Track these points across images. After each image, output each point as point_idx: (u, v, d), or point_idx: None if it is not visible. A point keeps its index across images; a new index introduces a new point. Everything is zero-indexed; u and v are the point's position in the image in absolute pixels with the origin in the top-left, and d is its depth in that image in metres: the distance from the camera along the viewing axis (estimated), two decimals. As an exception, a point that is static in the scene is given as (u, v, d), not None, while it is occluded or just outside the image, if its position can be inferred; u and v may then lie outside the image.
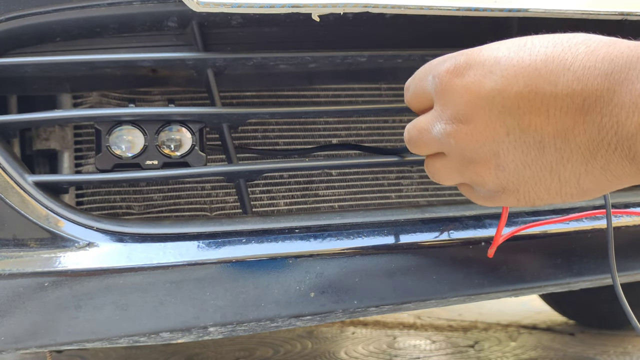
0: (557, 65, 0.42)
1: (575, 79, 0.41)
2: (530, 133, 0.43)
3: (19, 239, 0.59)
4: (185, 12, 0.61)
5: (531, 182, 0.45)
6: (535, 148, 0.43)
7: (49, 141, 0.70)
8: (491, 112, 0.44)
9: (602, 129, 0.40)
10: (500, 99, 0.43)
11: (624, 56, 0.40)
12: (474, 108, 0.44)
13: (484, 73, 0.44)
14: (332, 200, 0.83)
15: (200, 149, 0.64)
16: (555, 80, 0.41)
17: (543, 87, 0.42)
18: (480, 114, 0.44)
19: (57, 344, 0.57)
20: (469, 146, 0.46)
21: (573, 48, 0.42)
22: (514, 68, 0.43)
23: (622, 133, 0.39)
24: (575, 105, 0.41)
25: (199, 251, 0.59)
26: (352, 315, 0.64)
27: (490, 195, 0.49)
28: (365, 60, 0.69)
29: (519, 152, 0.44)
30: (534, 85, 0.42)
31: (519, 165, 0.45)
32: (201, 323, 0.58)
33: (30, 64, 0.62)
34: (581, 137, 0.41)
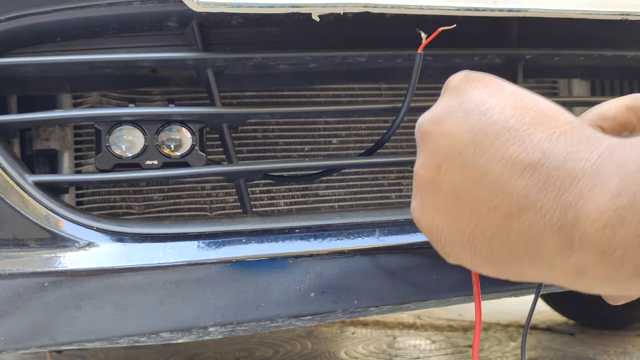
0: (543, 122, 0.42)
1: (548, 139, 0.41)
2: (480, 161, 0.42)
3: (19, 239, 0.59)
4: (185, 12, 0.61)
5: (450, 216, 0.44)
6: (473, 179, 0.43)
7: (49, 141, 0.70)
8: (460, 126, 0.45)
9: (542, 189, 0.39)
10: (477, 118, 0.44)
11: (595, 135, 0.40)
12: (451, 114, 0.46)
13: (483, 92, 0.46)
14: (332, 200, 0.83)
15: (200, 149, 0.64)
16: (533, 131, 0.42)
17: (518, 129, 0.42)
18: (450, 122, 0.46)
19: (57, 344, 0.57)
20: (425, 145, 0.48)
21: (564, 118, 0.43)
22: (506, 102, 0.44)
23: (560, 200, 0.38)
24: (532, 159, 0.41)
25: (199, 251, 0.59)
26: (352, 315, 0.64)
27: (413, 206, 0.50)
28: (365, 60, 0.69)
29: (458, 175, 0.44)
30: (513, 123, 0.42)
31: (450, 191, 0.44)
32: (201, 323, 0.58)
33: (31, 64, 0.62)
34: (519, 188, 0.40)
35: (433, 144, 0.46)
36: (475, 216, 0.42)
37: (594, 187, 0.37)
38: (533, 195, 0.40)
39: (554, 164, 0.39)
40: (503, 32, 0.74)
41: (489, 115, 0.43)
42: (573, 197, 0.38)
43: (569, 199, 0.38)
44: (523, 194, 0.40)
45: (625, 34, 0.79)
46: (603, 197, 0.36)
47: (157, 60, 0.64)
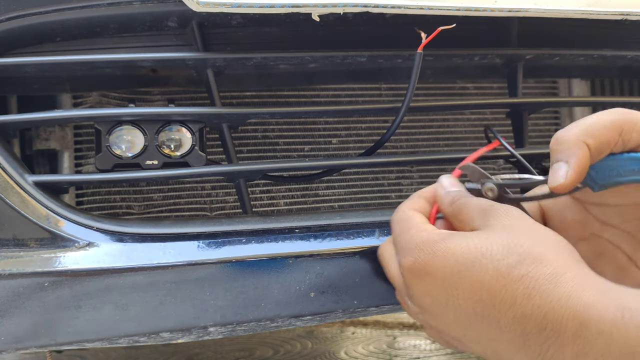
0: (494, 307, 0.46)
1: (515, 320, 0.45)
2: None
3: (19, 239, 0.59)
4: (185, 12, 0.61)
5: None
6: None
7: (49, 141, 0.70)
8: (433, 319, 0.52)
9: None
10: (445, 304, 0.50)
11: (557, 315, 0.43)
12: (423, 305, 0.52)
13: (433, 289, 0.50)
14: (332, 200, 0.83)
15: (200, 149, 0.64)
16: (499, 317, 0.46)
17: (490, 314, 0.46)
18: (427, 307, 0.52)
19: (57, 344, 0.57)
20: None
21: (522, 284, 0.45)
22: (463, 288, 0.48)
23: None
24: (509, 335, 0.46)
25: (199, 251, 0.59)
26: (352, 315, 0.64)
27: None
28: (365, 60, 0.69)
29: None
30: (480, 310, 0.47)
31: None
32: (201, 323, 0.58)
33: (31, 64, 0.62)
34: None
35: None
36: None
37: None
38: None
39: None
40: (503, 32, 0.74)
41: (454, 299, 0.48)
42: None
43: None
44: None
45: (625, 34, 0.79)
46: None
47: (157, 60, 0.64)
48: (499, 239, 0.47)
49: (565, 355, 0.42)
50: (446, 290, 0.48)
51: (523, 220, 0.49)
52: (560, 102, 0.92)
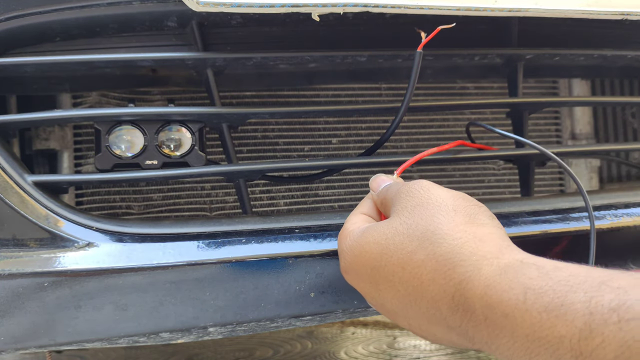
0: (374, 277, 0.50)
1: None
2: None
3: (18, 239, 0.59)
4: (185, 12, 0.61)
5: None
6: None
7: (48, 141, 0.70)
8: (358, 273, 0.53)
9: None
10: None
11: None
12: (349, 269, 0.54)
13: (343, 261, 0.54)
14: (332, 200, 0.83)
15: (200, 149, 0.64)
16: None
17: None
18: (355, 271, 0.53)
19: (56, 344, 0.57)
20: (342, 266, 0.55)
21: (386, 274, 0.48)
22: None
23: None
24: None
25: (199, 251, 0.59)
26: (352, 315, 0.64)
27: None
28: (365, 60, 0.69)
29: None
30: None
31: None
32: (201, 323, 0.58)
33: (30, 64, 0.62)
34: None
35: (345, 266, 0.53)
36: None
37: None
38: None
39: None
40: (503, 32, 0.74)
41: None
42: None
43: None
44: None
45: (625, 34, 0.79)
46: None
47: (157, 60, 0.64)
48: (400, 225, 0.47)
49: (483, 335, 0.41)
50: (374, 287, 0.49)
51: (425, 192, 0.49)
52: (560, 102, 0.92)
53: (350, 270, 0.52)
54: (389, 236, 0.47)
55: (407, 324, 0.49)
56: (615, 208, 0.72)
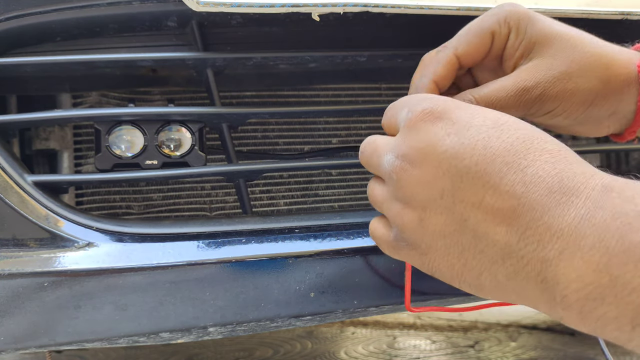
0: (514, 160, 0.41)
1: (522, 182, 0.41)
2: (460, 207, 0.43)
3: (18, 239, 0.59)
4: (185, 12, 0.61)
5: (440, 253, 0.45)
6: (457, 223, 0.43)
7: (48, 141, 0.70)
8: (437, 170, 0.44)
9: (521, 240, 0.40)
10: (449, 162, 0.43)
11: (574, 180, 0.40)
12: (425, 157, 0.44)
13: (450, 132, 0.44)
14: (332, 200, 0.83)
15: (200, 149, 0.64)
16: (505, 174, 0.41)
17: (490, 173, 0.42)
18: (427, 166, 0.44)
19: (56, 344, 0.57)
20: (405, 188, 0.46)
21: (539, 152, 0.42)
22: (476, 142, 0.43)
23: (539, 254, 0.39)
24: (508, 206, 0.41)
25: (199, 251, 0.59)
26: (352, 315, 0.64)
27: (400, 246, 0.48)
28: (365, 60, 0.69)
29: (443, 218, 0.44)
30: (483, 167, 0.42)
31: (437, 231, 0.44)
32: (201, 323, 0.58)
33: (30, 64, 0.62)
34: (500, 236, 0.41)
35: (413, 186, 0.45)
36: (463, 256, 0.44)
37: (574, 254, 0.38)
38: (514, 244, 0.41)
39: (530, 215, 0.40)
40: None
41: (460, 159, 0.43)
42: (552, 254, 0.39)
43: (549, 255, 0.39)
44: (504, 242, 0.41)
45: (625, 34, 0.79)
46: (585, 269, 0.37)
47: (157, 60, 0.64)
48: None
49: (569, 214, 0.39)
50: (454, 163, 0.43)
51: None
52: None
53: (442, 110, 0.46)
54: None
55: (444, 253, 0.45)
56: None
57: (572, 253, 0.38)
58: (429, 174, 0.44)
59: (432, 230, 0.45)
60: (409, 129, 0.46)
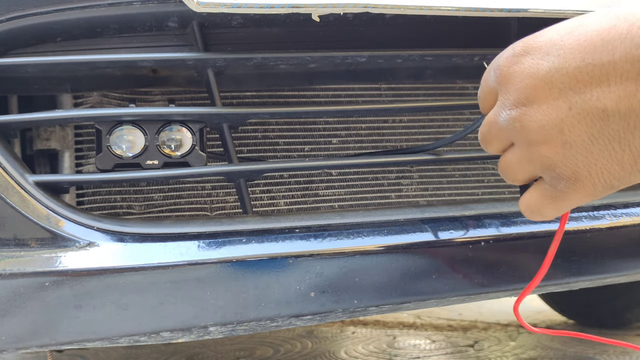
0: (613, 35, 0.42)
1: (634, 45, 0.41)
2: (593, 104, 0.43)
3: (19, 239, 0.59)
4: (185, 13, 0.61)
5: (602, 159, 0.44)
6: (599, 119, 0.43)
7: (49, 141, 0.70)
8: (552, 91, 0.44)
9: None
10: (559, 77, 0.44)
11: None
12: (534, 89, 0.45)
13: (541, 56, 0.45)
14: (332, 200, 0.83)
15: (201, 149, 0.64)
16: (613, 49, 0.42)
17: (600, 57, 0.42)
18: (541, 94, 0.45)
19: (57, 344, 0.57)
20: (533, 127, 0.46)
21: (628, 19, 0.42)
22: (570, 46, 0.44)
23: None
24: (636, 70, 0.41)
25: (200, 251, 0.59)
26: (352, 315, 0.64)
27: (562, 189, 0.47)
28: (365, 60, 0.69)
29: (583, 125, 0.44)
30: (591, 57, 0.43)
31: (586, 140, 0.44)
32: (201, 322, 0.58)
33: (31, 64, 0.62)
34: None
35: (540, 120, 0.45)
36: (625, 143, 0.43)
37: None
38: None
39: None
40: (503, 31, 0.74)
41: (567, 67, 0.44)
42: None
43: None
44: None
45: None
46: None
47: (158, 60, 0.64)
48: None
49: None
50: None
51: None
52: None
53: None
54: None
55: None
56: (614, 208, 0.72)
57: None
58: (547, 99, 0.45)
59: (581, 143, 0.44)
60: (504, 80, 0.47)
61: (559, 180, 0.47)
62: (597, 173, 0.45)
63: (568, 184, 0.46)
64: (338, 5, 0.59)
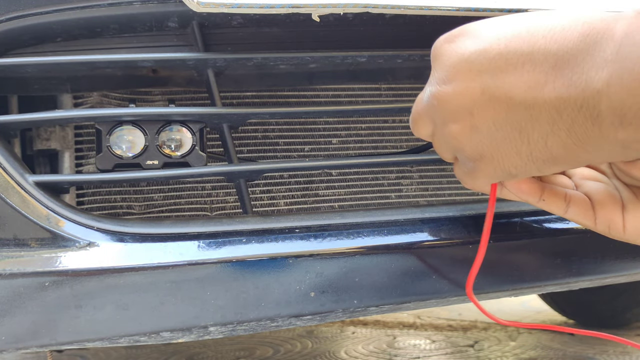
0: (539, 28, 0.44)
1: (553, 40, 0.43)
2: (503, 90, 0.44)
3: (19, 239, 0.59)
4: (185, 13, 0.61)
5: (504, 146, 0.46)
6: (506, 106, 0.45)
7: (49, 141, 0.70)
8: (470, 72, 0.46)
9: (570, 86, 0.42)
10: (481, 59, 0.45)
11: (603, 20, 0.42)
12: (456, 69, 0.47)
13: (471, 38, 0.47)
14: (332, 200, 0.83)
15: (201, 149, 0.64)
16: (534, 41, 0.43)
17: (521, 46, 0.44)
18: (460, 75, 0.46)
19: (57, 344, 0.57)
20: (447, 106, 0.47)
21: (557, 16, 0.44)
22: (497, 32, 0.45)
23: (589, 89, 0.41)
24: (549, 63, 0.43)
25: (200, 251, 0.59)
26: (352, 315, 0.64)
27: (471, 168, 0.50)
28: (365, 60, 0.69)
29: (491, 111, 0.45)
30: (513, 45, 0.44)
31: (491, 127, 0.46)
32: (201, 322, 0.58)
33: (31, 64, 0.62)
34: (550, 94, 0.43)
35: (453, 99, 0.47)
36: (524, 135, 0.45)
37: (621, 76, 0.39)
38: (564, 94, 0.42)
39: (573, 61, 0.41)
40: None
41: (489, 51, 0.45)
42: (601, 84, 0.40)
43: (597, 85, 0.40)
44: (555, 97, 0.42)
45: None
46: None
47: (158, 60, 0.64)
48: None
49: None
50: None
51: None
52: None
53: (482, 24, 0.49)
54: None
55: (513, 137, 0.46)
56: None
57: (619, 76, 0.39)
58: (464, 80, 0.46)
59: (487, 128, 0.46)
60: (434, 58, 0.49)
61: (467, 160, 0.50)
62: (499, 159, 0.47)
63: (475, 165, 0.49)
64: (338, 5, 0.59)
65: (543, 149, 0.45)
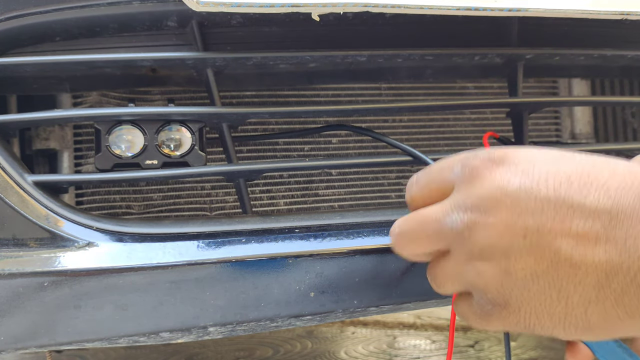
0: (592, 179, 0.40)
1: (607, 196, 0.39)
2: (549, 239, 0.40)
3: (18, 239, 0.59)
4: (185, 12, 0.61)
5: (535, 301, 0.42)
6: (549, 258, 0.40)
7: (48, 141, 0.70)
8: (514, 210, 0.41)
9: (624, 251, 0.38)
10: (526, 199, 0.41)
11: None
12: (497, 202, 0.42)
13: (516, 171, 0.42)
14: (332, 200, 0.83)
15: (200, 149, 0.64)
16: (587, 192, 0.40)
17: (572, 196, 0.40)
18: (502, 209, 0.42)
19: (56, 344, 0.57)
20: (481, 240, 0.42)
21: (612, 167, 0.41)
22: (547, 173, 0.41)
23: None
24: (601, 222, 0.39)
25: (199, 251, 0.59)
26: (352, 315, 0.64)
27: (488, 311, 0.44)
28: (365, 60, 0.69)
29: (531, 259, 0.41)
30: (564, 192, 0.40)
31: (528, 276, 0.41)
32: (201, 323, 0.58)
33: (30, 64, 0.62)
34: (600, 256, 0.39)
35: (491, 236, 0.42)
36: (563, 294, 0.41)
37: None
38: (615, 259, 0.38)
39: (626, 223, 0.38)
40: (503, 31, 0.74)
41: (536, 192, 0.41)
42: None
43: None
44: (605, 261, 0.39)
45: (625, 34, 0.79)
46: None
47: (157, 59, 0.64)
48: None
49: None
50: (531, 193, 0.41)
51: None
52: (560, 102, 0.92)
53: (502, 155, 0.44)
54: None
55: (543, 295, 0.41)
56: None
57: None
58: (505, 218, 0.41)
59: (522, 277, 0.41)
60: (471, 179, 0.44)
61: (486, 302, 0.44)
62: (525, 313, 0.42)
63: (494, 310, 0.44)
64: (338, 4, 0.59)
65: (581, 315, 0.40)
